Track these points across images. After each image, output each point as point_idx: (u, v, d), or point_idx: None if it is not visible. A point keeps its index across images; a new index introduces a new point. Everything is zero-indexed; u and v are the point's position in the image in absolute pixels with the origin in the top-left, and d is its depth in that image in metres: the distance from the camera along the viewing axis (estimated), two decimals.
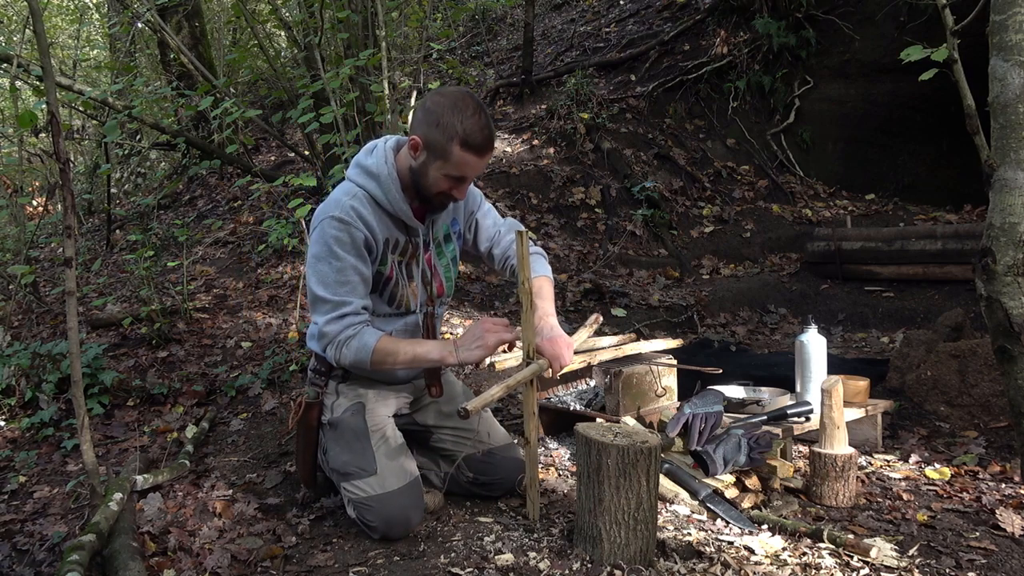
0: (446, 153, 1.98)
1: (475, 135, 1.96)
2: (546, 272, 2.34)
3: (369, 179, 2.10)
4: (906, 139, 6.29)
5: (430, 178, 2.04)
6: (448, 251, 2.29)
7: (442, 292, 2.29)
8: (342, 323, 2.05)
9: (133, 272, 5.01)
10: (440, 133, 1.97)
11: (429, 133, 1.99)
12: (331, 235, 2.05)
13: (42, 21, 2.32)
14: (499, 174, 6.03)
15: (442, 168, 2.01)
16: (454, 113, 1.96)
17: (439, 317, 2.36)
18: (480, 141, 1.98)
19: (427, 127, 2.00)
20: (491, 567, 1.86)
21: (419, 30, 5.99)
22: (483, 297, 4.54)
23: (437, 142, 1.98)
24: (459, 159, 1.98)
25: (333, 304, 2.05)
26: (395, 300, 2.19)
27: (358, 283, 2.07)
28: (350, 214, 2.05)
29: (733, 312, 4.76)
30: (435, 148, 1.99)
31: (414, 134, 2.03)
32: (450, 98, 1.99)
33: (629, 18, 8.44)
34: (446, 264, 2.29)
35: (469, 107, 1.97)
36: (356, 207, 2.06)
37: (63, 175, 2.27)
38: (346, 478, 2.14)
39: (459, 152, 1.97)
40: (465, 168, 2.01)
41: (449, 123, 1.96)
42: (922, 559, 1.92)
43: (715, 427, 2.31)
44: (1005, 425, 2.77)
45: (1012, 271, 2.05)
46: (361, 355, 2.04)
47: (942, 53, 2.28)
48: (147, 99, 5.47)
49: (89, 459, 2.30)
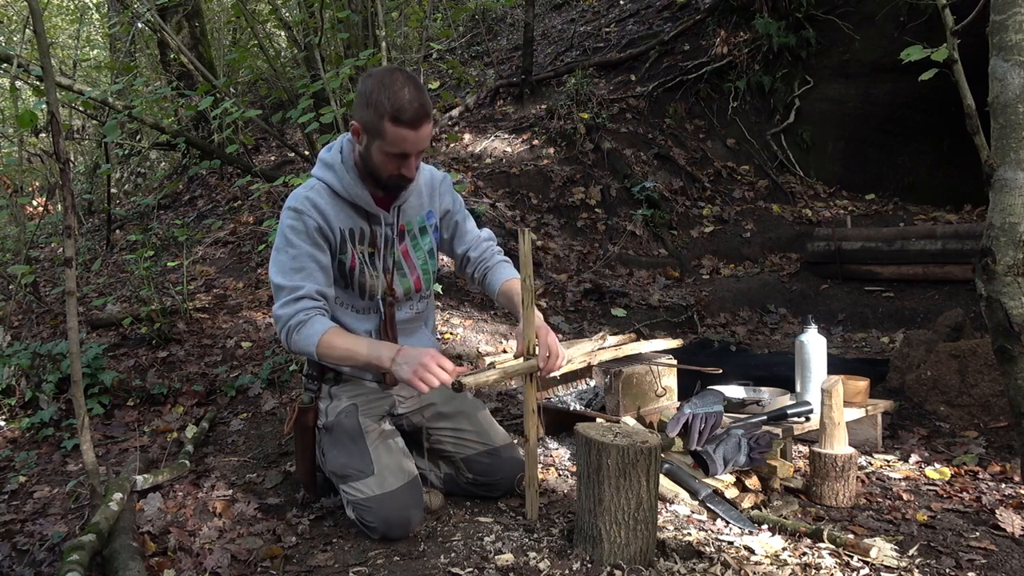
0: (380, 132, 1.98)
1: (404, 109, 1.94)
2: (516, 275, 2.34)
3: (326, 171, 2.14)
4: (906, 139, 6.29)
5: (375, 160, 2.05)
6: (424, 244, 2.28)
7: (420, 286, 2.28)
8: (295, 307, 2.06)
9: (133, 272, 5.01)
10: (372, 113, 1.97)
11: (363, 115, 2.00)
12: (287, 224, 2.10)
13: (42, 21, 2.33)
14: (499, 174, 6.03)
15: (382, 147, 2.00)
16: (381, 90, 1.94)
17: (422, 317, 2.35)
18: (411, 115, 1.95)
19: (361, 110, 2.00)
20: (491, 567, 1.86)
21: (419, 30, 6.00)
22: (483, 297, 4.54)
23: (371, 122, 1.98)
24: (394, 135, 1.97)
25: (288, 289, 2.07)
26: (366, 291, 2.18)
27: (314, 270, 2.09)
28: (304, 204, 2.09)
29: (733, 312, 4.76)
30: (371, 129, 2.00)
31: (353, 120, 2.05)
32: (377, 77, 1.99)
33: (629, 18, 8.44)
34: (423, 257, 2.28)
35: (396, 82, 1.95)
36: (311, 197, 2.10)
37: (63, 175, 2.27)
38: (344, 480, 2.14)
39: (392, 128, 1.96)
40: (403, 144, 1.99)
41: (378, 101, 1.94)
42: (922, 559, 1.92)
43: (715, 427, 2.31)
44: (1005, 425, 2.77)
45: (1012, 271, 2.05)
46: (309, 342, 2.04)
47: (942, 53, 2.28)
48: (147, 99, 5.47)
49: (89, 459, 2.30)
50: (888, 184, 6.30)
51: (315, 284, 2.08)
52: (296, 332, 2.05)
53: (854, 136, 6.51)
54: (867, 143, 6.44)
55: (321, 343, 2.03)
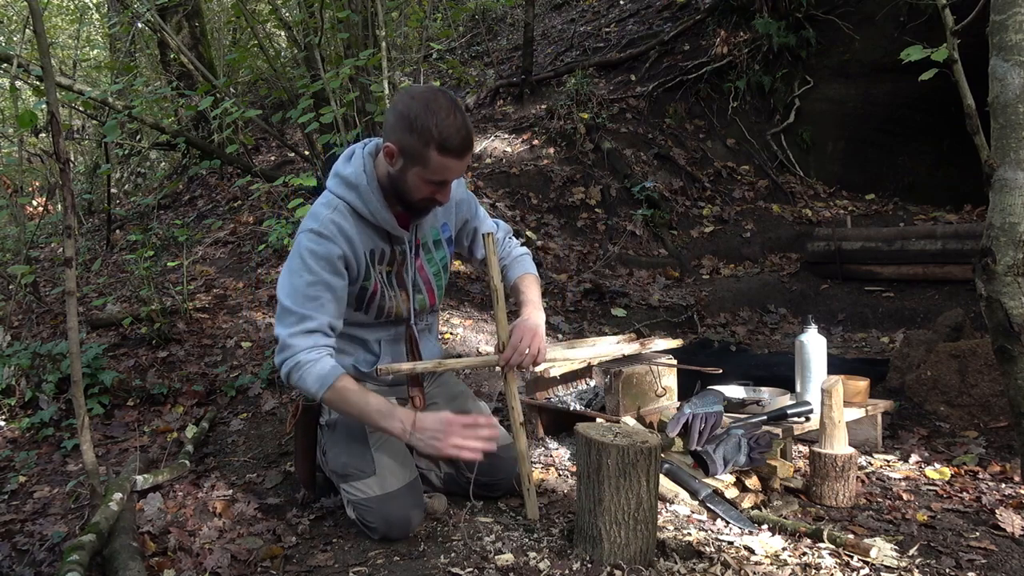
0: (424, 159, 1.90)
1: (452, 138, 1.87)
2: (531, 270, 2.36)
3: (349, 190, 2.03)
4: (906, 139, 6.29)
5: (409, 184, 1.97)
6: (438, 258, 2.25)
7: (433, 301, 2.27)
8: (305, 341, 1.96)
9: (133, 272, 5.00)
10: (416, 138, 1.87)
11: (404, 139, 1.90)
12: (307, 247, 1.99)
13: (42, 21, 2.32)
14: (499, 174, 6.03)
15: (421, 174, 1.93)
16: (428, 115, 1.85)
17: (429, 327, 2.33)
18: (458, 143, 1.88)
19: (401, 133, 1.90)
20: (491, 567, 1.86)
21: (419, 30, 6.00)
22: (483, 297, 4.54)
23: (413, 148, 1.89)
24: (438, 164, 1.90)
25: (299, 317, 1.97)
26: (383, 313, 2.15)
27: (328, 300, 2.00)
28: (330, 228, 1.99)
29: (733, 312, 4.76)
30: (412, 154, 1.91)
31: (388, 140, 1.94)
32: (421, 100, 1.88)
33: (629, 18, 8.44)
34: (437, 271, 2.25)
35: (443, 107, 1.86)
36: (337, 220, 2.00)
37: (63, 175, 2.27)
38: (345, 479, 2.13)
39: (437, 157, 1.88)
40: (446, 172, 1.93)
41: (424, 127, 1.85)
42: (922, 559, 1.92)
43: (715, 427, 2.31)
44: (1005, 425, 2.77)
45: (1012, 271, 2.05)
46: (312, 387, 1.95)
47: (942, 53, 2.28)
48: (147, 99, 5.47)
49: (89, 459, 2.30)
50: (888, 184, 6.30)
51: (327, 316, 1.99)
52: (300, 371, 1.96)
53: (854, 136, 6.51)
54: (867, 143, 6.44)
55: (334, 389, 1.95)
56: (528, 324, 2.14)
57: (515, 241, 2.45)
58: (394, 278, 2.15)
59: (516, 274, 2.34)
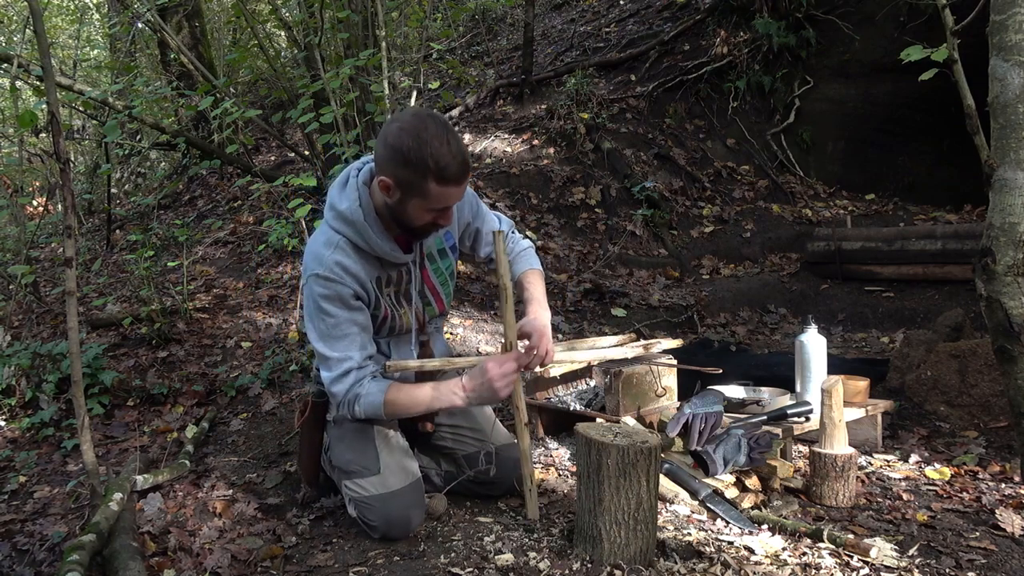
0: (423, 191, 1.87)
1: (449, 166, 1.82)
2: (535, 265, 2.36)
3: (346, 225, 2.00)
4: (906, 139, 6.29)
5: (410, 214, 1.95)
6: (444, 267, 2.25)
7: (442, 308, 2.28)
8: (346, 382, 2.01)
9: (133, 272, 5.00)
10: (411, 172, 1.83)
11: (399, 173, 1.86)
12: (318, 293, 1.99)
13: (42, 21, 2.33)
14: (499, 174, 6.03)
15: (421, 204, 1.90)
16: (421, 147, 1.80)
17: (437, 328, 2.35)
18: (456, 171, 1.84)
19: (395, 167, 1.86)
20: (491, 567, 1.86)
21: (419, 30, 6.00)
22: (483, 297, 4.54)
23: (410, 181, 1.85)
24: (438, 194, 1.87)
25: (335, 361, 2.00)
26: (393, 331, 2.17)
27: (356, 334, 2.02)
28: (335, 271, 1.98)
29: (733, 312, 4.76)
30: (409, 187, 1.87)
31: (382, 175, 1.90)
32: (411, 130, 1.82)
33: (629, 18, 8.44)
34: (443, 280, 2.26)
35: (434, 135, 1.81)
36: (340, 261, 1.99)
37: (63, 175, 2.27)
38: (348, 476, 2.14)
39: (436, 188, 1.85)
40: (446, 200, 1.91)
41: (419, 159, 1.81)
42: (922, 559, 1.92)
43: (715, 427, 2.31)
44: (1005, 425, 2.77)
45: (1012, 271, 2.05)
46: (373, 411, 2.02)
47: (942, 53, 2.28)
48: (147, 99, 5.46)
49: (89, 459, 2.30)
50: (888, 184, 6.30)
51: (360, 351, 2.02)
52: (356, 405, 2.02)
53: (854, 136, 6.50)
54: (867, 143, 6.44)
55: (386, 405, 2.00)
56: (536, 324, 2.14)
57: (518, 235, 2.45)
58: (401, 297, 2.16)
59: (520, 269, 2.33)
